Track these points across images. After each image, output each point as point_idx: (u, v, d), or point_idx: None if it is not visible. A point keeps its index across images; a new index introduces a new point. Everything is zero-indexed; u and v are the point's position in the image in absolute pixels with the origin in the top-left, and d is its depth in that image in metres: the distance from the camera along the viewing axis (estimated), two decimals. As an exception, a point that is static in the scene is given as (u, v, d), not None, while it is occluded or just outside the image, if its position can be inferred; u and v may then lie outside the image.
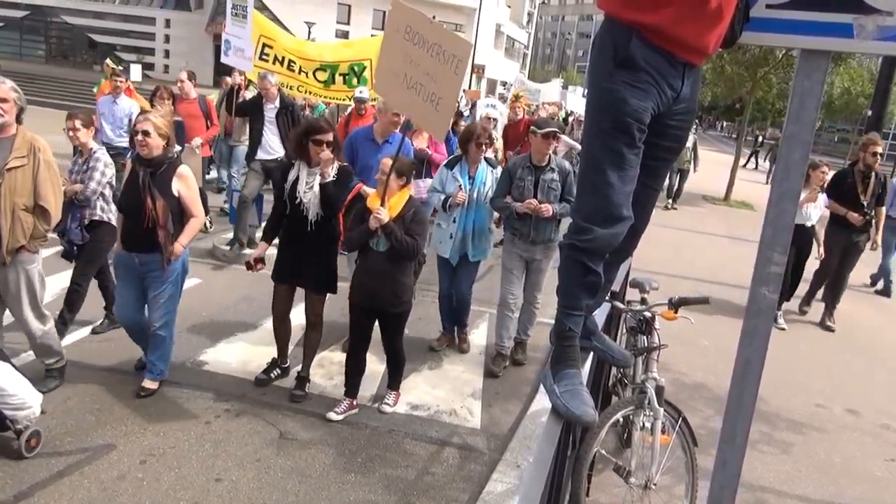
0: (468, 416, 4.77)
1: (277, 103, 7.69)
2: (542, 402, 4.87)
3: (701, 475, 3.21)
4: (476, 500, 3.78)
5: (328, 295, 4.76)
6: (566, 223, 2.29)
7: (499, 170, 5.61)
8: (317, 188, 4.47)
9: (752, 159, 31.34)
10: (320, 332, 4.84)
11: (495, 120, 9.55)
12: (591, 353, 2.55)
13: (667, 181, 13.98)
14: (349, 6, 40.73)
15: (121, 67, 9.70)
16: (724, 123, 70.14)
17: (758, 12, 1.94)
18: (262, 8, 35.71)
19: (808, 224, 7.41)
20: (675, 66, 1.90)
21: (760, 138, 37.16)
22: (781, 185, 1.93)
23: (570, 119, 18.67)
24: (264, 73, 7.91)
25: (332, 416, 4.47)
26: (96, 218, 4.96)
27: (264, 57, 8.37)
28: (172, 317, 4.58)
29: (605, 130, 1.90)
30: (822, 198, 7.47)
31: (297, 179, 4.54)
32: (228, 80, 9.79)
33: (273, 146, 7.69)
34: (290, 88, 8.42)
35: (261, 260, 4.74)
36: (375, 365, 5.12)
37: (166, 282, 4.42)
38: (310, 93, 8.86)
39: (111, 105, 8.34)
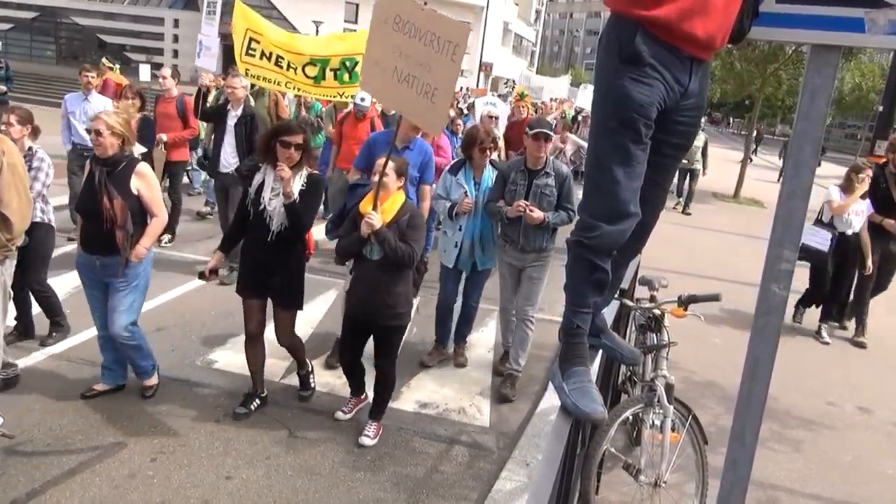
0: (477, 414, 4.77)
1: (240, 111, 6.98)
2: (550, 400, 4.86)
3: (711, 473, 3.20)
4: (485, 498, 3.78)
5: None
6: (566, 231, 2.27)
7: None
8: (283, 198, 4.11)
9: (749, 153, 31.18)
10: (302, 344, 4.63)
11: (497, 118, 9.15)
12: (600, 351, 2.54)
13: (675, 179, 13.62)
14: (357, 4, 40.71)
15: (111, 65, 9.47)
16: (732, 120, 69.77)
17: (767, 7, 1.92)
18: (270, 7, 35.85)
19: (850, 232, 6.86)
20: (683, 60, 1.88)
21: (755, 132, 37.26)
22: (792, 181, 1.92)
23: (579, 117, 18.38)
24: (234, 73, 7.41)
25: (339, 415, 4.45)
26: (36, 220, 4.59)
27: (251, 52, 7.82)
28: (136, 326, 4.33)
29: (612, 127, 1.89)
30: (865, 204, 6.91)
31: (262, 184, 4.18)
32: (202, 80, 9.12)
33: (227, 159, 6.95)
34: (278, 84, 7.95)
35: (214, 271, 4.34)
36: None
37: (128, 288, 4.21)
38: (299, 90, 8.36)
39: (81, 103, 7.74)
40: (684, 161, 12.89)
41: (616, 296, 2.97)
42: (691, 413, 3.32)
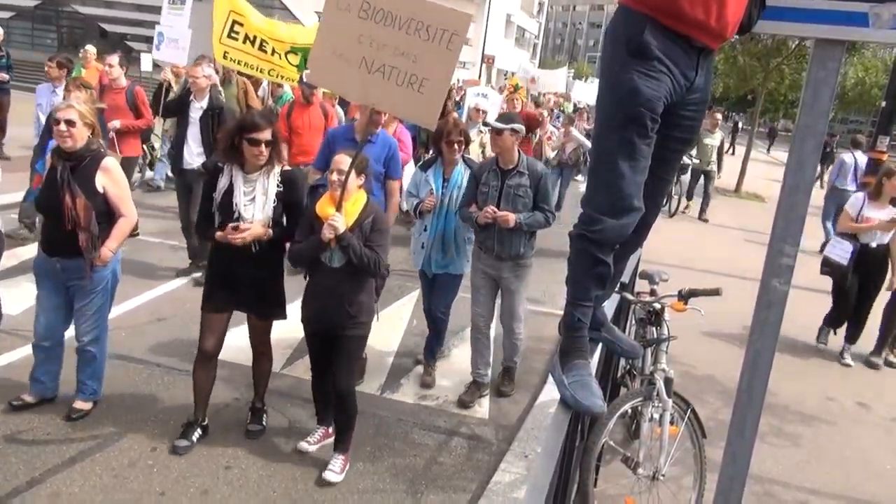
0: (476, 406, 4.78)
1: (205, 102, 6.35)
2: (550, 392, 4.86)
3: (709, 467, 3.21)
4: (484, 489, 3.79)
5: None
6: (553, 236, 2.24)
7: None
8: (259, 200, 3.70)
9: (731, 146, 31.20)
10: (271, 359, 4.19)
11: (485, 112, 8.42)
12: (600, 345, 2.54)
13: (683, 177, 12.59)
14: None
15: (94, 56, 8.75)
16: (730, 114, 69.78)
17: (773, 1, 1.92)
18: (272, -4, 35.70)
19: (874, 244, 6.21)
20: (690, 54, 1.88)
21: (740, 123, 37.68)
22: (794, 176, 1.91)
23: (574, 112, 17.95)
24: (197, 60, 6.92)
25: (303, 446, 3.98)
26: None
27: (234, 35, 7.39)
28: (103, 332, 4.10)
29: (618, 120, 1.88)
30: (892, 211, 6.21)
31: (229, 188, 3.71)
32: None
33: (192, 154, 6.39)
34: (260, 71, 7.55)
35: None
36: (382, 354, 5.13)
37: (94, 291, 3.92)
38: (282, 77, 7.96)
39: (50, 96, 7.31)
40: (697, 161, 12.51)
41: (616, 289, 2.97)
42: (690, 407, 3.33)
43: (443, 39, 2.92)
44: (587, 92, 16.25)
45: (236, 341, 4.38)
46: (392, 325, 5.84)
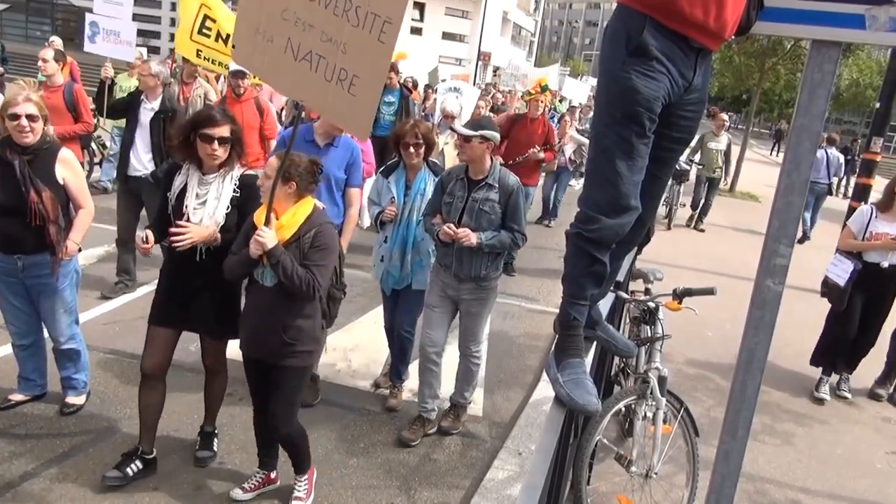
0: (470, 403, 4.78)
1: (157, 104, 5.74)
2: (543, 390, 4.89)
3: (702, 465, 3.23)
4: (477, 486, 3.80)
5: None
6: (549, 234, 2.21)
7: None
8: (211, 204, 3.37)
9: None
10: (226, 378, 3.81)
11: (452, 114, 6.97)
12: (595, 343, 2.55)
13: (676, 187, 11.53)
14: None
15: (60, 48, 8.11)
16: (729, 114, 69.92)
17: (770, 1, 1.92)
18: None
19: (886, 264, 5.39)
20: (688, 54, 1.89)
21: (776, 130, 37.00)
22: (790, 175, 1.92)
23: (567, 111, 17.56)
24: (147, 57, 6.55)
25: (236, 494, 3.49)
26: None
27: (205, 31, 6.90)
28: (77, 327, 4.01)
29: (617, 120, 1.89)
30: None
31: (184, 188, 3.40)
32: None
33: (140, 160, 5.74)
34: (226, 68, 6.88)
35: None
36: (375, 351, 5.13)
37: (62, 289, 3.81)
38: (256, 76, 7.22)
39: None
40: (701, 166, 11.69)
41: (612, 288, 2.98)
42: (683, 405, 3.34)
43: (374, 27, 2.32)
44: (578, 90, 15.77)
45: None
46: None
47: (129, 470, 3.47)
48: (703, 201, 11.97)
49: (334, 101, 2.47)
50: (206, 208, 3.36)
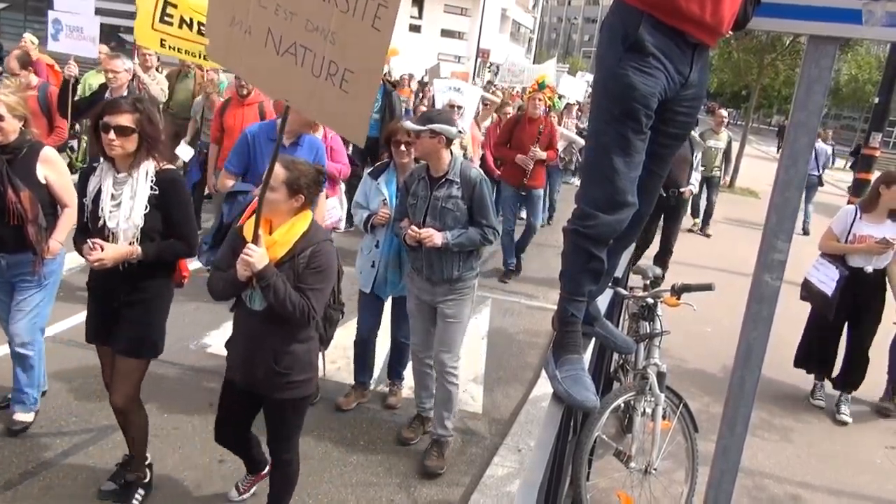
0: (470, 400, 4.79)
1: None
2: (543, 387, 4.89)
3: (701, 460, 3.23)
4: (477, 483, 3.81)
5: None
6: (546, 230, 2.17)
7: None
8: (126, 206, 3.04)
9: None
10: (141, 412, 3.41)
11: (461, 108, 7.30)
12: (594, 339, 2.55)
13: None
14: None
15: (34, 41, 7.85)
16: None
17: (767, -4, 1.92)
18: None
19: (869, 269, 5.02)
20: (685, 50, 1.89)
21: (779, 127, 36.80)
22: (788, 171, 1.92)
23: (564, 108, 16.91)
24: (115, 52, 6.09)
25: (232, 495, 3.47)
26: None
27: (167, 19, 6.51)
28: (40, 334, 3.85)
29: (614, 116, 1.89)
30: (892, 227, 5.04)
31: (100, 191, 3.09)
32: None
33: None
34: (204, 59, 6.54)
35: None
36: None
37: (39, 287, 3.71)
38: None
39: None
40: (702, 168, 10.75)
41: (610, 284, 2.98)
42: (682, 401, 3.35)
43: (367, 13, 2.01)
44: (574, 87, 15.42)
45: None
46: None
47: (120, 481, 3.45)
48: (704, 205, 11.30)
49: (325, 100, 2.17)
50: (121, 210, 3.05)
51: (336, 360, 5.04)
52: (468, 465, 4.03)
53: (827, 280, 4.97)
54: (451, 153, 3.89)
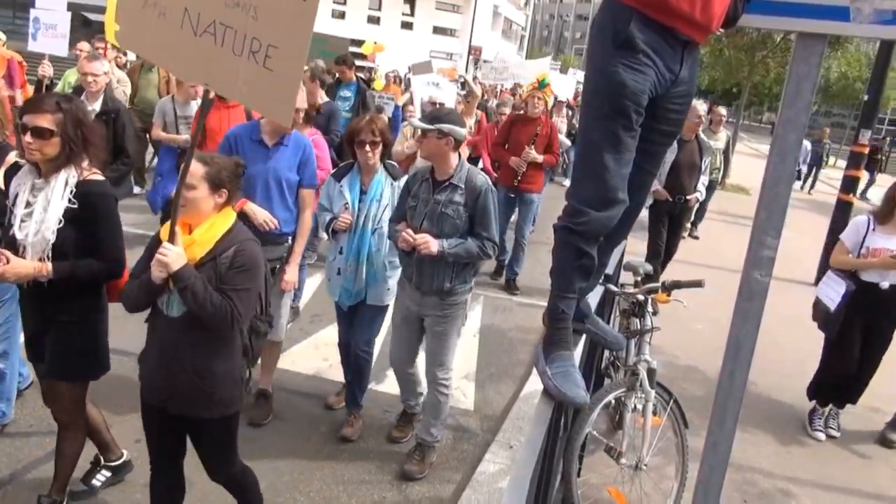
0: (461, 397, 4.80)
1: (99, 105, 5.15)
2: (535, 383, 4.84)
3: (691, 456, 3.25)
4: (468, 479, 3.81)
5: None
6: (541, 227, 2.18)
7: (402, 182, 3.93)
8: (38, 217, 2.71)
9: None
10: (81, 433, 3.22)
11: (442, 105, 6.91)
12: (584, 336, 2.56)
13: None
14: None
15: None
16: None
17: (756, -6, 1.93)
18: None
19: (885, 285, 4.58)
20: (675, 47, 1.89)
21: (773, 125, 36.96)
22: (777, 168, 1.93)
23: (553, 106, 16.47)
24: (92, 54, 5.68)
25: None
26: None
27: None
28: (13, 345, 3.64)
29: (603, 113, 1.89)
30: None
31: (18, 195, 2.81)
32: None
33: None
34: None
35: None
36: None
37: (2, 299, 3.50)
38: None
39: None
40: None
41: (601, 281, 2.99)
42: (672, 397, 3.37)
43: None
44: (564, 84, 15.22)
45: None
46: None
47: (95, 482, 3.41)
48: (699, 207, 10.65)
49: (248, 81, 2.00)
50: (31, 221, 2.71)
51: (328, 358, 5.03)
52: (460, 462, 4.04)
53: (834, 296, 4.62)
54: (460, 156, 3.72)
